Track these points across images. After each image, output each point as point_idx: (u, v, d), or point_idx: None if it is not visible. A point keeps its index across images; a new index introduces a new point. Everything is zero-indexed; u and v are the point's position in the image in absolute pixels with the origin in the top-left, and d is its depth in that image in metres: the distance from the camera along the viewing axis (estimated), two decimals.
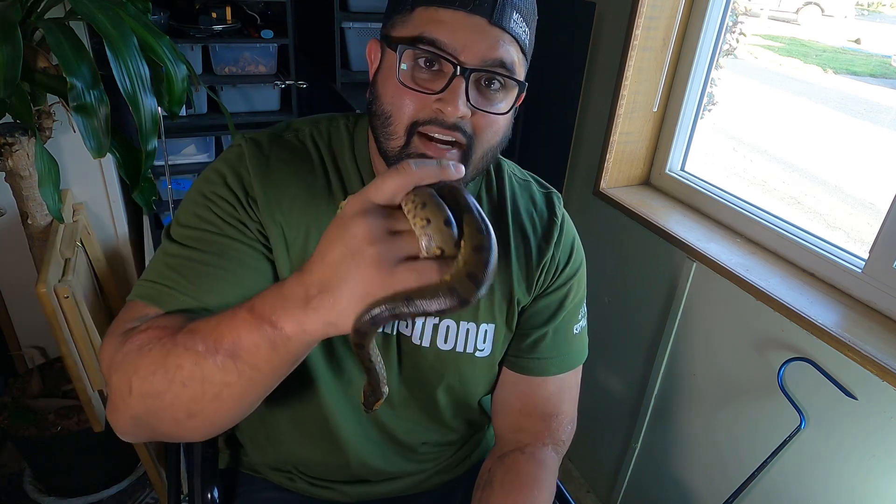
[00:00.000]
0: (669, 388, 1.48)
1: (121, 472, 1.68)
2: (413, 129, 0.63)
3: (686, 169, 1.55)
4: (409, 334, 0.77)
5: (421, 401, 0.82)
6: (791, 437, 1.15)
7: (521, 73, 0.65)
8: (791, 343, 1.16)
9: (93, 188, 1.66)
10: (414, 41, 0.61)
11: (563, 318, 0.82)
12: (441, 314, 0.45)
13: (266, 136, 0.74)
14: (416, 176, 0.47)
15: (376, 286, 0.45)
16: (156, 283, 0.65)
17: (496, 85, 0.63)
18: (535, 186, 0.85)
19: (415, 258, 0.46)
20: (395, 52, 0.62)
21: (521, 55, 0.65)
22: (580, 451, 1.88)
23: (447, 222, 0.46)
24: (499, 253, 0.47)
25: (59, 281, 1.25)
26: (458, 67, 0.60)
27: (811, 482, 1.16)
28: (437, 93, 0.61)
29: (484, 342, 0.79)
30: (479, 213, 0.48)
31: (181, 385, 0.54)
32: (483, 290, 0.45)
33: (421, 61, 0.62)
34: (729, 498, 1.24)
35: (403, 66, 0.62)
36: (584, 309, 0.86)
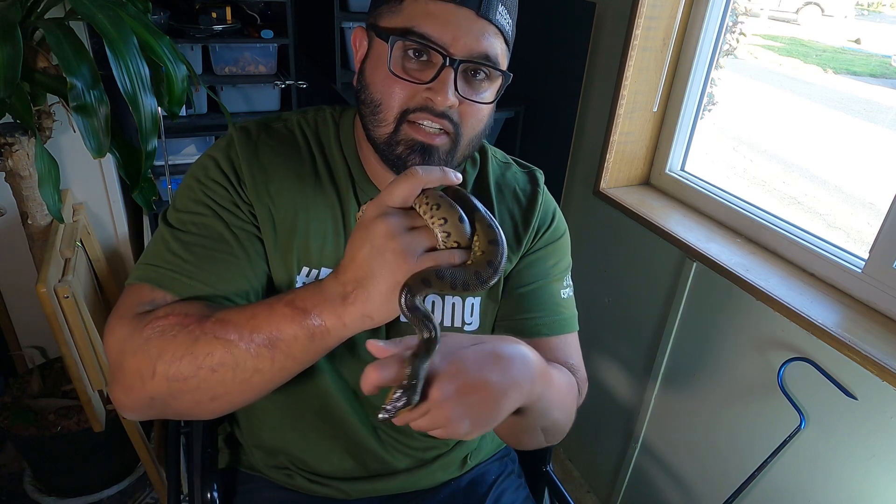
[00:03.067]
0: (669, 388, 1.48)
1: (121, 472, 1.68)
2: (403, 116, 0.66)
3: (686, 169, 1.55)
4: None
5: None
6: (791, 437, 1.15)
7: (504, 64, 0.68)
8: (791, 343, 1.16)
9: (93, 188, 1.66)
10: (405, 33, 0.63)
11: (549, 278, 0.83)
12: (465, 292, 0.58)
13: (255, 124, 0.77)
14: (423, 180, 0.54)
15: (404, 274, 0.52)
16: (158, 266, 0.67)
17: (482, 75, 0.66)
18: (515, 167, 0.88)
19: (433, 250, 0.54)
20: (385, 41, 0.64)
21: (504, 46, 0.68)
22: (580, 451, 1.88)
23: (461, 219, 0.54)
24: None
25: (59, 281, 1.25)
26: (448, 59, 0.63)
27: (811, 482, 1.16)
28: (427, 83, 0.64)
29: (471, 315, 0.80)
30: (486, 212, 0.56)
31: (210, 370, 0.58)
32: (499, 275, 0.55)
33: (410, 52, 0.64)
34: (729, 498, 1.24)
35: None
36: (569, 280, 0.87)
